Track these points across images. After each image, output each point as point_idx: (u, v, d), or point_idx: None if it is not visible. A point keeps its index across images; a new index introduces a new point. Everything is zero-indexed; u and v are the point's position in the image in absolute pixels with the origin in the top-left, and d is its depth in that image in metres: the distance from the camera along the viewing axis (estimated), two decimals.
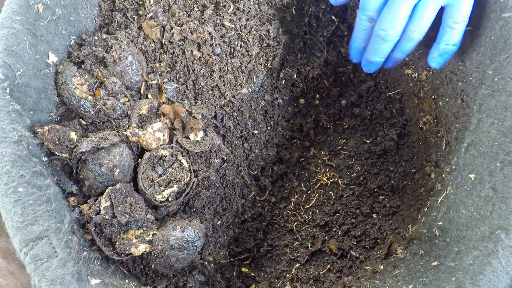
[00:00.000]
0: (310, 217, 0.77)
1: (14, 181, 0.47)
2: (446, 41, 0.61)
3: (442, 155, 0.66)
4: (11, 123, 0.49)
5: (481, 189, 0.53)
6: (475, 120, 0.59)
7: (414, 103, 0.77)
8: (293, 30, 0.80)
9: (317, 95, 0.86)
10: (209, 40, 0.68)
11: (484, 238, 0.49)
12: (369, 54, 0.67)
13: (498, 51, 0.56)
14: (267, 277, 0.72)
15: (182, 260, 0.61)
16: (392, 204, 0.74)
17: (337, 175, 0.80)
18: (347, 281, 0.65)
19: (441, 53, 0.63)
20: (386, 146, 0.79)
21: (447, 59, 0.64)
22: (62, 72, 0.58)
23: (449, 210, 0.58)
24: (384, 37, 0.62)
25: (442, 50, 0.62)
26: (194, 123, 0.65)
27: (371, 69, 0.70)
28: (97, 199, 0.57)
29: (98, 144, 0.57)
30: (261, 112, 0.79)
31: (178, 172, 0.63)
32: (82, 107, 0.58)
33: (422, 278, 0.54)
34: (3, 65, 0.50)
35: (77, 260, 0.49)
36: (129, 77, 0.63)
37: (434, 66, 0.65)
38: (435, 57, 0.64)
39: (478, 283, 0.46)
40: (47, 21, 0.56)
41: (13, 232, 0.47)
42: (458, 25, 0.59)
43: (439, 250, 0.56)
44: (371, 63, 0.69)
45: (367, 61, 0.69)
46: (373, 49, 0.66)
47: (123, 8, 0.68)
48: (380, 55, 0.66)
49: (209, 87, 0.70)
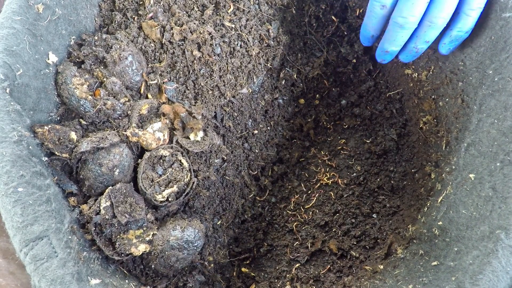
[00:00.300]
0: (310, 217, 0.77)
1: (14, 181, 0.47)
2: (459, 28, 0.59)
3: (442, 155, 0.66)
4: (11, 123, 0.49)
5: (481, 189, 0.53)
6: (475, 120, 0.59)
7: (414, 103, 0.77)
8: (293, 30, 0.80)
9: (317, 95, 0.86)
10: (209, 40, 0.68)
11: (483, 238, 0.49)
12: (385, 43, 0.65)
13: (498, 51, 0.56)
14: (267, 277, 0.72)
15: (182, 260, 0.61)
16: (392, 204, 0.74)
17: (337, 175, 0.80)
18: (347, 281, 0.65)
19: (452, 40, 0.62)
20: (386, 146, 0.79)
21: (456, 46, 0.63)
22: (62, 72, 0.58)
23: (449, 210, 0.58)
24: (403, 25, 0.60)
25: (453, 37, 0.61)
26: (194, 123, 0.65)
27: (385, 59, 0.68)
28: (97, 199, 0.57)
29: (98, 144, 0.57)
30: (261, 112, 0.79)
31: (178, 172, 0.63)
32: (82, 107, 0.58)
33: (422, 278, 0.54)
34: (3, 65, 0.50)
35: (77, 260, 0.49)
36: (129, 77, 0.63)
37: (443, 52, 0.64)
38: (446, 43, 0.62)
39: (478, 283, 0.46)
40: (47, 21, 0.56)
41: (13, 232, 0.47)
42: (473, 12, 0.57)
43: (439, 250, 0.55)
44: (387, 53, 0.66)
45: (383, 50, 0.66)
46: (390, 38, 0.63)
47: (123, 8, 0.68)
48: (397, 44, 0.64)
49: (209, 87, 0.70)
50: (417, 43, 0.63)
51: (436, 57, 0.69)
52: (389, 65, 0.82)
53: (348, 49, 0.84)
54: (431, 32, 0.60)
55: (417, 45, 0.63)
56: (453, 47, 0.63)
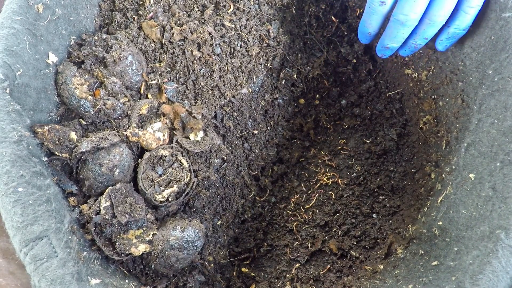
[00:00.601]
0: (310, 217, 0.77)
1: (14, 181, 0.47)
2: (457, 25, 0.60)
3: (442, 155, 0.66)
4: (11, 123, 0.49)
5: (481, 188, 0.53)
6: (475, 120, 0.59)
7: (414, 103, 0.77)
8: (293, 30, 0.80)
9: (317, 95, 0.86)
10: (209, 40, 0.68)
11: (483, 238, 0.49)
12: (386, 39, 0.66)
13: (498, 51, 0.56)
14: (267, 277, 0.72)
15: (182, 260, 0.61)
16: (392, 204, 0.74)
17: (337, 175, 0.80)
18: (347, 281, 0.65)
19: (449, 37, 0.62)
20: (386, 146, 0.79)
21: (453, 43, 0.64)
22: (62, 72, 0.58)
23: (449, 209, 0.58)
24: (404, 22, 0.60)
25: (451, 34, 0.62)
26: (194, 123, 0.65)
27: (386, 54, 0.69)
28: (97, 199, 0.57)
29: (98, 144, 0.57)
30: (261, 112, 0.79)
31: (178, 172, 0.63)
32: (82, 107, 0.58)
33: (422, 278, 0.54)
34: (3, 65, 0.50)
35: (77, 260, 0.49)
36: (129, 77, 0.63)
37: (440, 49, 0.65)
38: (443, 39, 0.63)
39: (478, 283, 0.46)
40: (47, 21, 0.56)
41: (13, 232, 0.47)
42: (471, 9, 0.58)
43: (439, 249, 0.55)
44: (387, 48, 0.67)
45: (383, 46, 0.67)
46: (390, 35, 0.64)
47: (123, 8, 0.68)
48: (398, 40, 0.65)
49: (209, 87, 0.70)
50: (416, 39, 0.64)
51: (436, 57, 0.69)
52: (389, 65, 0.82)
53: (348, 49, 0.84)
54: (430, 29, 0.61)
55: (416, 41, 0.64)
56: (449, 44, 0.64)
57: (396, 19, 0.61)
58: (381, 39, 0.67)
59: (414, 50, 0.67)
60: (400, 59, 0.78)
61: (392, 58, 0.80)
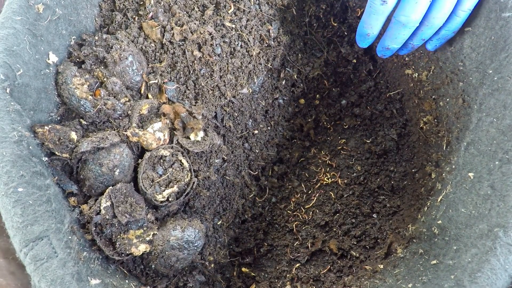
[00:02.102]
0: (310, 217, 0.77)
1: (14, 181, 0.47)
2: (448, 28, 0.62)
3: (443, 155, 0.66)
4: (11, 123, 0.49)
5: (480, 187, 0.53)
6: (475, 119, 0.59)
7: (414, 103, 0.77)
8: (294, 31, 0.80)
9: (317, 95, 0.86)
10: (210, 40, 0.68)
11: (482, 236, 0.49)
12: (387, 40, 0.67)
13: (498, 51, 0.56)
14: (267, 277, 0.72)
15: (182, 260, 0.61)
16: (392, 204, 0.74)
17: (337, 175, 0.80)
18: (347, 281, 0.65)
19: (439, 38, 0.65)
20: (386, 146, 0.79)
21: (441, 44, 0.66)
22: (63, 72, 0.58)
23: (448, 208, 0.58)
24: (406, 24, 0.61)
25: (441, 35, 0.64)
26: (194, 123, 0.65)
27: (386, 54, 0.71)
28: (97, 199, 0.57)
29: (99, 144, 0.57)
30: (261, 112, 0.79)
31: (178, 172, 0.63)
32: (82, 107, 0.58)
33: (422, 277, 0.54)
34: (3, 65, 0.50)
35: (77, 260, 0.49)
36: (129, 77, 0.63)
37: (430, 49, 0.68)
38: (433, 40, 0.66)
39: (477, 281, 0.46)
40: (48, 21, 0.57)
41: (13, 232, 0.47)
42: (463, 13, 0.60)
43: (438, 248, 0.55)
44: (388, 49, 0.68)
45: (384, 47, 0.68)
46: (391, 36, 0.65)
47: (124, 8, 0.68)
48: (398, 41, 0.66)
49: (210, 87, 0.70)
50: (413, 40, 0.66)
51: (437, 57, 0.69)
52: (389, 65, 0.82)
53: (348, 49, 0.84)
54: (428, 31, 0.63)
55: (414, 42, 0.66)
56: (439, 44, 0.66)
57: (397, 20, 0.61)
58: (381, 39, 0.68)
59: (411, 50, 0.69)
60: (401, 59, 0.79)
61: (393, 58, 0.80)
